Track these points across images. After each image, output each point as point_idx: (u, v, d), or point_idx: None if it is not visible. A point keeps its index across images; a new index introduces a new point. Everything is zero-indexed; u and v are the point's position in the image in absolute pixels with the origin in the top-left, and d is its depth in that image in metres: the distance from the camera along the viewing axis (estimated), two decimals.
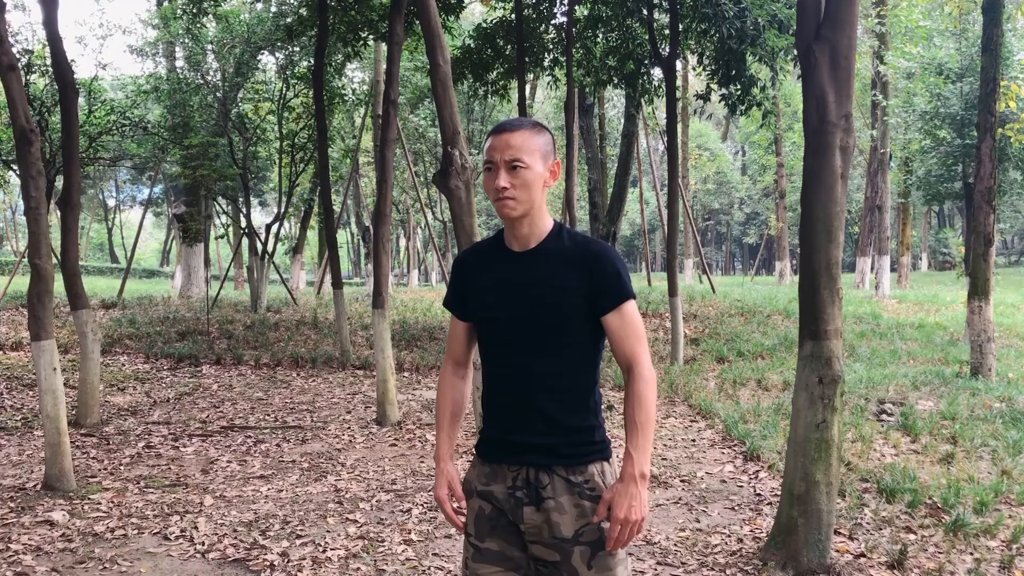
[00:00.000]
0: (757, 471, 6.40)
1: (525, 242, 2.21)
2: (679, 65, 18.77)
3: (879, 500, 5.48)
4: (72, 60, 15.09)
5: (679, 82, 21.71)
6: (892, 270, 25.49)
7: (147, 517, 5.30)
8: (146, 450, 7.19)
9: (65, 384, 9.75)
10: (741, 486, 6.06)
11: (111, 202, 55.00)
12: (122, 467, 6.61)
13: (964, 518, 4.92)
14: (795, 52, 11.12)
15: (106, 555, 4.64)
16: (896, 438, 7.10)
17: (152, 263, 62.21)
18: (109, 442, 7.43)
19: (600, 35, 13.47)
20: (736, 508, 5.53)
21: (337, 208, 24.32)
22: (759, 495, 5.81)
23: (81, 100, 15.55)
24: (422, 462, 6.81)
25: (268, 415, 8.72)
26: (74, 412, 8.12)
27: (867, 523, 5.06)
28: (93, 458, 6.87)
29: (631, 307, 2.17)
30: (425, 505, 5.56)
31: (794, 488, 4.37)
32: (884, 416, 8.15)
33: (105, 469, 6.53)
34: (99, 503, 5.59)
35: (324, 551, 4.70)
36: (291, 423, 8.33)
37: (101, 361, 11.34)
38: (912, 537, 4.83)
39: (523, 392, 2.19)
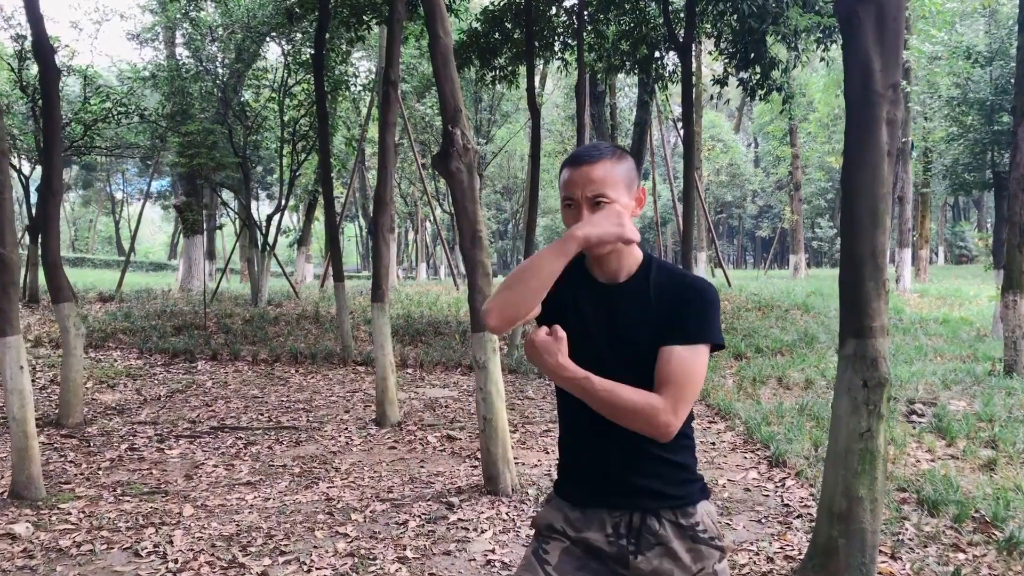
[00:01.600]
0: (783, 478, 5.93)
1: (614, 276, 2.02)
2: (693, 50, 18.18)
3: (921, 513, 4.99)
4: (66, 45, 14.78)
5: (694, 67, 21.08)
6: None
7: (119, 529, 4.86)
8: (128, 453, 6.75)
9: (51, 381, 9.40)
10: (767, 495, 5.58)
11: (119, 195, 54.77)
12: (100, 472, 6.17)
13: (1018, 535, 4.42)
14: (819, 33, 10.61)
15: (68, 573, 4.21)
16: (931, 441, 6.63)
17: (161, 256, 62.08)
18: (90, 444, 6.99)
19: (612, 18, 12.93)
20: (763, 521, 5.05)
21: (344, 200, 23.85)
22: (787, 506, 5.33)
23: (77, 88, 15.17)
24: (422, 467, 6.35)
25: (262, 414, 8.27)
26: (56, 412, 7.69)
27: (910, 540, 4.57)
28: (70, 461, 6.43)
29: (699, 353, 1.92)
30: (423, 516, 5.10)
31: (834, 505, 3.88)
32: (915, 417, 7.65)
33: (81, 474, 6.09)
34: (69, 513, 5.14)
35: (309, 571, 4.25)
36: (285, 423, 7.88)
37: (92, 357, 10.96)
38: (962, 556, 4.35)
39: (627, 430, 1.94)
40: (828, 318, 14.18)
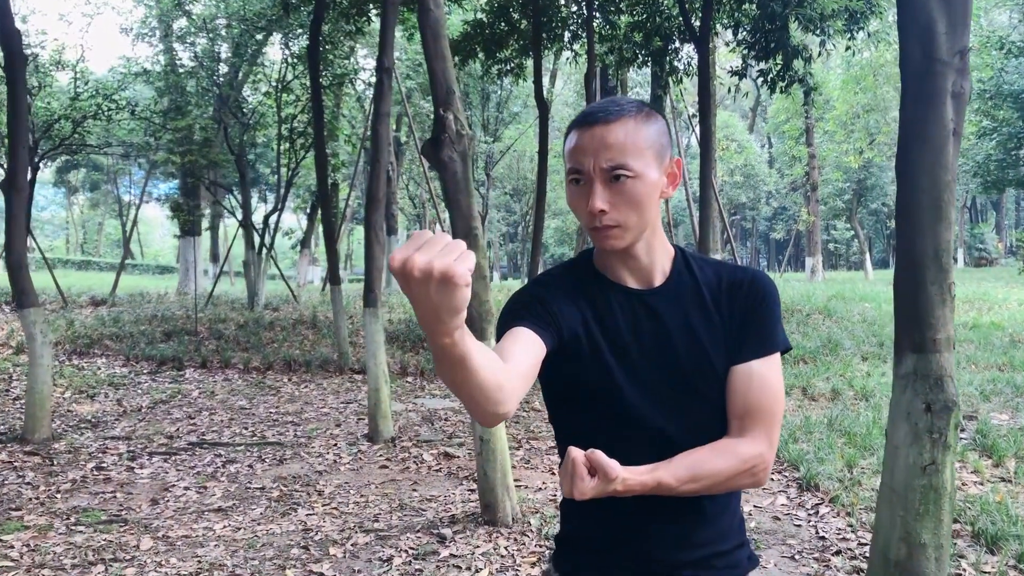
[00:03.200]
0: (816, 505, 5.29)
1: (647, 276, 1.51)
2: None
3: (978, 550, 4.35)
4: (55, 39, 14.30)
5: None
6: None
7: (63, 568, 4.27)
8: (95, 473, 6.17)
9: (26, 391, 8.84)
10: (799, 525, 4.95)
11: (127, 197, 54.47)
12: (58, 495, 5.59)
13: None
14: (846, 18, 9.95)
15: None
16: (976, 461, 5.98)
17: (170, 259, 61.81)
18: (54, 462, 6.42)
19: (624, 7, 12.30)
20: (796, 557, 4.43)
21: (352, 202, 23.31)
22: (823, 538, 4.70)
23: (67, 83, 14.66)
24: (414, 490, 5.74)
25: (247, 428, 7.69)
26: (21, 426, 7.13)
27: None
28: (27, 483, 5.85)
29: (776, 364, 1.47)
30: (410, 551, 4.50)
31: (890, 551, 3.25)
32: None
33: (37, 499, 5.51)
34: (11, 547, 4.56)
35: None
36: (270, 438, 7.29)
37: (75, 364, 10.43)
38: None
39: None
40: (851, 323, 13.52)
